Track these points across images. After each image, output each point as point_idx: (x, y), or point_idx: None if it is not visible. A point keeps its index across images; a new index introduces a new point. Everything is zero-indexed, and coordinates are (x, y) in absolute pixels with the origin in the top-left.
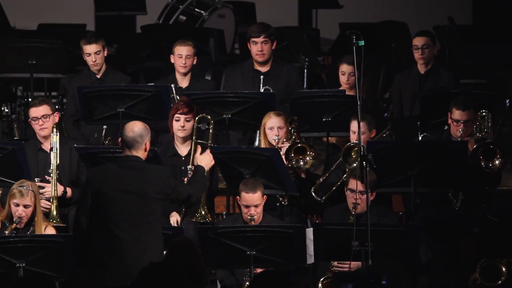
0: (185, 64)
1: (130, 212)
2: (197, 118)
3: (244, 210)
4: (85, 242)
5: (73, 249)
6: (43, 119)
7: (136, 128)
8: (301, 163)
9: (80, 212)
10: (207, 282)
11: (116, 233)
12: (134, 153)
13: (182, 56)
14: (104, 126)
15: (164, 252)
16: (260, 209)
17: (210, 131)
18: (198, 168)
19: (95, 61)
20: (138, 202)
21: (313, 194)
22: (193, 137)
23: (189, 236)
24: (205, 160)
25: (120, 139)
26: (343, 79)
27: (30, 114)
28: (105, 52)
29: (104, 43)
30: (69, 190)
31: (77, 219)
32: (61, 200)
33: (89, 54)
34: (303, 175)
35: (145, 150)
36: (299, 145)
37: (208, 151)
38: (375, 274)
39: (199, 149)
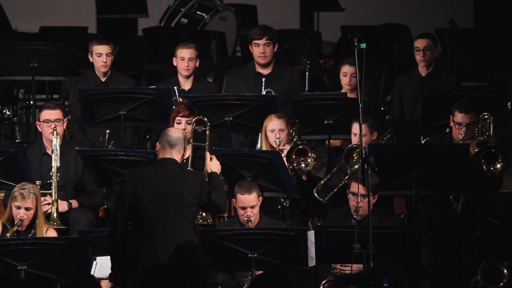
0: (187, 67)
1: (166, 214)
2: (193, 120)
3: (241, 212)
4: (121, 244)
5: (110, 253)
6: (56, 122)
7: (179, 131)
8: (303, 165)
9: (117, 215)
10: (208, 286)
11: (152, 235)
12: (174, 154)
13: (184, 59)
14: (107, 131)
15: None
16: (256, 210)
17: (207, 132)
18: (214, 175)
19: (106, 62)
20: (174, 205)
21: (315, 194)
22: (191, 140)
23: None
24: (216, 165)
25: (157, 143)
26: (345, 80)
27: (41, 115)
28: (112, 57)
29: (113, 48)
30: (74, 202)
31: (114, 222)
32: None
33: (100, 55)
34: (304, 177)
35: (182, 157)
36: (301, 146)
37: (214, 157)
38: (376, 277)
39: (208, 155)
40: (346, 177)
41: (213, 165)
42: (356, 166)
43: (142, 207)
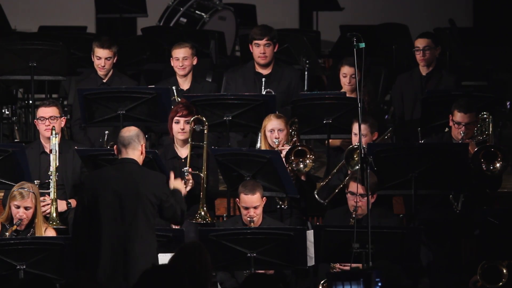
0: (182, 66)
1: (125, 212)
2: (191, 119)
3: (244, 212)
4: (84, 245)
5: (74, 253)
6: (50, 120)
7: (132, 129)
8: (301, 166)
9: (78, 216)
10: (209, 286)
11: (113, 235)
12: (131, 153)
13: (179, 58)
14: (106, 132)
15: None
16: (259, 211)
17: (205, 132)
18: (176, 191)
19: (104, 66)
20: (133, 203)
21: (316, 196)
22: (189, 139)
23: (189, 238)
24: (179, 185)
25: (115, 146)
26: (344, 81)
27: (38, 113)
28: (115, 59)
29: (116, 50)
30: (72, 201)
31: (76, 223)
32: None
33: (99, 58)
34: (303, 178)
35: (141, 153)
36: (299, 148)
37: (179, 179)
38: (365, 273)
39: (172, 175)
40: (347, 178)
41: (176, 183)
42: (357, 167)
43: (102, 207)
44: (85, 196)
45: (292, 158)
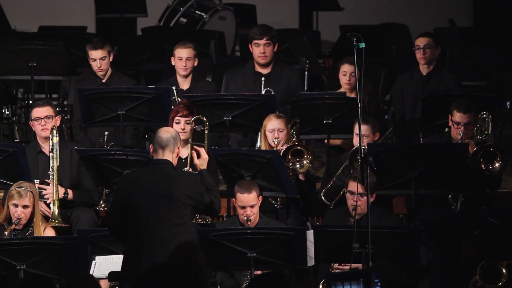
0: (185, 66)
1: (160, 215)
2: (192, 119)
3: (240, 211)
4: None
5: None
6: (46, 119)
7: (170, 130)
8: (297, 166)
9: (112, 216)
10: (207, 285)
11: (148, 237)
12: (167, 155)
13: (182, 58)
14: (106, 132)
15: None
16: (256, 210)
17: (206, 132)
18: (204, 173)
19: (100, 66)
20: (167, 206)
21: (323, 198)
22: (190, 139)
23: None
24: (204, 161)
25: (151, 145)
26: (344, 79)
27: (32, 114)
28: (111, 57)
29: (110, 48)
30: (70, 192)
31: (110, 224)
32: (63, 202)
33: (94, 60)
34: (302, 178)
35: (177, 155)
36: (297, 148)
37: (202, 151)
38: (365, 273)
39: (193, 153)
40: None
41: (201, 162)
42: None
43: (137, 209)
44: (120, 197)
45: (289, 157)
